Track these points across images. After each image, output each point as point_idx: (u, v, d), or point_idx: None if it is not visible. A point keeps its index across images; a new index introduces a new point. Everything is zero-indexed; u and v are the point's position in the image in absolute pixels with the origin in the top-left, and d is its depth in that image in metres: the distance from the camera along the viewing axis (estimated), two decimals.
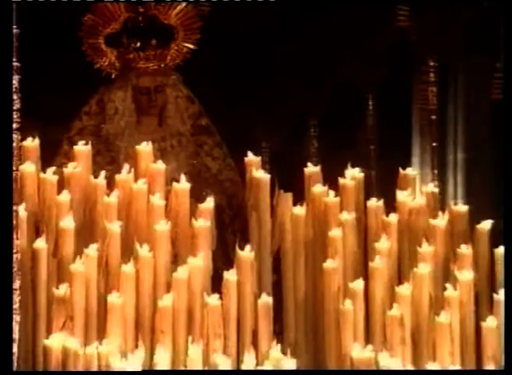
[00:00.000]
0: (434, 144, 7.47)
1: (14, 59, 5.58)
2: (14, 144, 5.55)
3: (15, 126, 5.54)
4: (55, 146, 6.24)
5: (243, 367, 5.54)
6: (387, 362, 5.59)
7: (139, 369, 5.46)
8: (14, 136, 5.56)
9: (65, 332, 5.42)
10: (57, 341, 5.34)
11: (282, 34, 6.99)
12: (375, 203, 6.11)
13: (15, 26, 5.58)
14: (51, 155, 6.10)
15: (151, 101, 6.52)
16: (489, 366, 5.86)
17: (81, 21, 6.53)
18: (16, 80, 5.59)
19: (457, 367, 5.83)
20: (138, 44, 6.53)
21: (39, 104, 6.03)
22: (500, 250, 6.16)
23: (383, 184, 6.47)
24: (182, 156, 6.41)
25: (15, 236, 5.45)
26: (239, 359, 5.52)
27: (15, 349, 5.47)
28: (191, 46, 6.57)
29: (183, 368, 5.53)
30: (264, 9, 6.63)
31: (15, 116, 5.57)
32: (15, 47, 5.57)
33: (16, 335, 5.47)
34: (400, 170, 6.37)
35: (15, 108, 5.54)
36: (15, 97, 5.60)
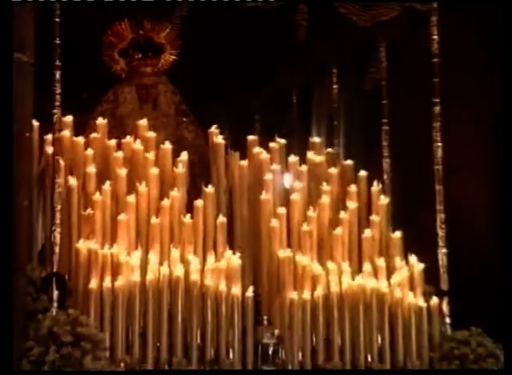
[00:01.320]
0: (335, 123, 6.79)
1: (58, 62, 5.43)
2: (57, 118, 5.45)
3: (57, 104, 5.43)
4: (84, 121, 6.18)
5: (207, 264, 5.45)
6: (301, 259, 5.62)
7: (137, 264, 5.35)
8: (57, 113, 5.46)
9: (89, 239, 5.43)
10: (84, 245, 5.37)
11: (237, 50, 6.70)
12: (293, 159, 6.10)
13: (58, 39, 5.49)
14: (82, 127, 6.05)
15: (148, 94, 6.44)
16: (367, 264, 5.77)
17: (102, 40, 6.47)
18: (58, 75, 5.47)
19: (346, 264, 5.72)
20: (139, 56, 6.45)
21: (75, 92, 5.82)
22: (374, 188, 6.10)
23: (300, 149, 6.35)
24: (168, 129, 6.25)
25: (57, 176, 5.38)
26: (204, 258, 5.51)
27: (56, 250, 5.29)
28: (174, 57, 6.47)
29: (166, 265, 5.40)
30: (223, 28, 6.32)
31: (57, 100, 5.45)
32: (58, 54, 5.49)
33: (57, 242, 5.29)
34: (310, 139, 6.43)
35: (57, 92, 5.43)
36: (57, 87, 5.47)
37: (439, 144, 6.05)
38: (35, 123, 5.63)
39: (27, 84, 5.09)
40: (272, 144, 6.06)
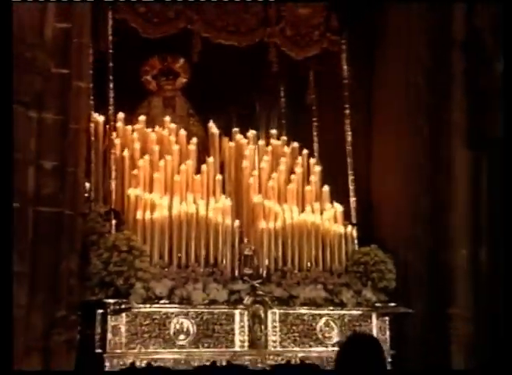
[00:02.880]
0: (283, 122, 6.33)
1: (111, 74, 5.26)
2: (113, 114, 5.36)
3: (113, 107, 5.32)
4: (131, 118, 5.83)
5: (210, 205, 5.25)
6: (267, 203, 5.53)
7: (166, 204, 5.15)
8: (111, 110, 5.33)
9: (135, 188, 5.30)
10: (132, 192, 5.28)
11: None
12: (261, 142, 5.94)
13: (111, 66, 5.30)
14: (130, 121, 5.78)
15: (169, 102, 6.22)
16: (308, 206, 5.61)
17: (141, 69, 6.23)
18: (111, 92, 5.30)
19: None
20: (164, 79, 6.22)
21: (125, 100, 5.57)
22: (312, 161, 5.90)
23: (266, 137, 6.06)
24: (182, 124, 5.94)
25: (114, 150, 5.30)
26: (208, 201, 5.36)
27: (113, 195, 5.15)
28: (185, 79, 6.23)
29: (184, 205, 5.19)
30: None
31: (111, 103, 5.31)
32: (111, 76, 5.31)
33: (113, 190, 5.22)
34: (271, 131, 6.14)
35: (111, 102, 5.29)
36: (111, 97, 5.32)
37: (349, 133, 5.85)
38: (100, 119, 5.51)
39: (84, 103, 4.92)
40: (248, 134, 5.96)
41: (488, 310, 5.25)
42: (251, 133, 6.00)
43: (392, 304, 5.46)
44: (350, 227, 5.69)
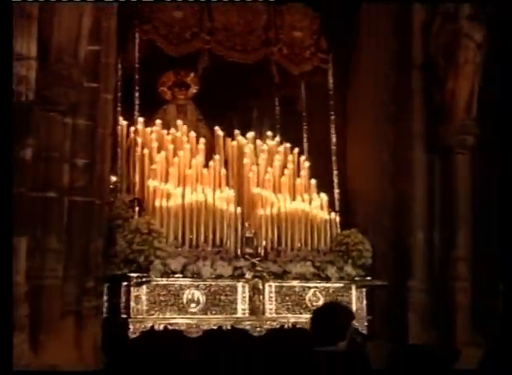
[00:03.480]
0: (278, 126, 6.24)
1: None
2: (135, 119, 5.35)
3: (137, 108, 5.27)
4: (150, 121, 5.79)
5: (216, 195, 5.19)
6: (265, 193, 5.48)
7: (179, 194, 5.11)
8: (136, 115, 5.33)
9: (154, 180, 5.26)
10: (151, 183, 5.25)
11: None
12: (259, 142, 5.89)
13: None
14: (149, 124, 5.72)
15: (182, 109, 6.17)
16: (298, 196, 5.57)
17: (158, 81, 6.16)
18: (137, 100, 5.26)
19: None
20: (177, 89, 6.15)
21: (145, 106, 5.48)
22: (302, 158, 5.84)
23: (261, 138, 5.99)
24: (192, 128, 5.88)
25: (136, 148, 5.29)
26: (214, 191, 5.29)
27: (136, 186, 5.14)
28: (195, 90, 6.18)
29: (194, 195, 5.12)
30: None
31: (136, 109, 5.28)
32: (137, 86, 5.27)
33: (136, 181, 5.22)
34: (266, 133, 6.10)
35: (137, 103, 5.27)
36: (136, 104, 5.29)
37: (334, 135, 5.84)
38: (124, 122, 5.54)
39: (110, 111, 4.98)
40: (247, 135, 5.94)
41: (440, 282, 5.50)
42: (250, 134, 6.01)
43: (369, 278, 5.50)
44: (333, 214, 5.69)
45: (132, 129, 5.57)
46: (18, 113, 4.11)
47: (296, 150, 5.99)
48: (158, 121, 5.87)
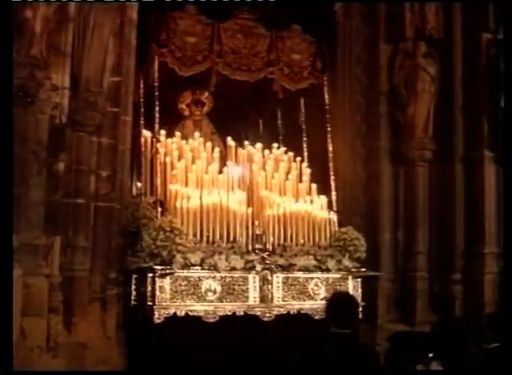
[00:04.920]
0: (281, 137, 6.26)
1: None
2: (158, 131, 5.34)
3: (157, 121, 5.23)
4: (171, 133, 5.80)
5: (229, 197, 5.16)
6: (272, 196, 5.47)
7: (198, 196, 5.08)
8: (156, 127, 5.29)
9: (174, 184, 5.24)
10: (173, 187, 5.22)
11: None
12: (267, 152, 5.86)
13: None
14: (170, 135, 5.75)
15: (198, 124, 6.23)
16: (301, 198, 5.57)
17: (178, 99, 6.21)
18: (157, 110, 5.19)
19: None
20: (194, 107, 6.22)
21: (166, 121, 5.56)
22: (304, 165, 5.84)
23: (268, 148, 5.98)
24: (207, 139, 5.90)
25: (159, 156, 5.31)
26: (228, 194, 5.24)
27: (158, 189, 5.12)
28: (209, 107, 6.24)
29: (211, 197, 5.09)
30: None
31: (156, 122, 5.23)
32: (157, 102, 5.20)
33: (158, 185, 5.19)
34: (273, 144, 6.05)
35: (157, 116, 5.21)
36: (157, 115, 5.21)
37: (330, 145, 5.81)
38: (148, 134, 5.54)
39: (128, 130, 5.01)
40: (256, 146, 5.96)
41: (403, 272, 5.80)
42: (258, 145, 6.06)
43: (363, 269, 5.50)
44: (332, 214, 5.70)
45: (154, 140, 5.58)
46: (53, 133, 4.33)
47: (299, 158, 6.01)
48: (178, 133, 5.93)
